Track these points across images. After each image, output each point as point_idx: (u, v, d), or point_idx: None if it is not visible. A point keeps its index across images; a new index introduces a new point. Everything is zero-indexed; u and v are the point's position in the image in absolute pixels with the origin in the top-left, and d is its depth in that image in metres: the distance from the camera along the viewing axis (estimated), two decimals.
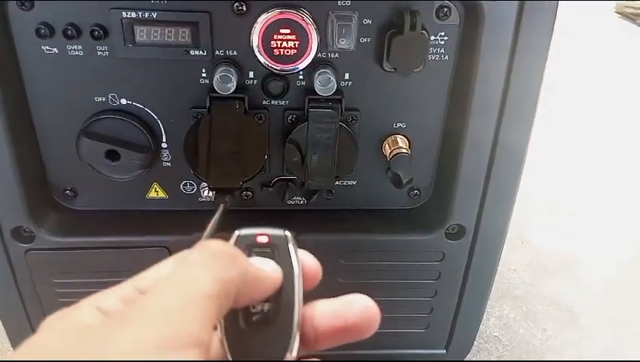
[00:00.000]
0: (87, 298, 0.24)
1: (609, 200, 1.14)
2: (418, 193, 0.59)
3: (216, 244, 0.25)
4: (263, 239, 0.28)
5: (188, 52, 0.48)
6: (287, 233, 0.29)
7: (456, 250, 0.59)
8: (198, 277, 0.23)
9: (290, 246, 0.28)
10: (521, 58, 0.49)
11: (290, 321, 0.27)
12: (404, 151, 0.54)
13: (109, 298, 0.24)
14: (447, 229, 0.58)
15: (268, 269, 0.27)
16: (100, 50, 0.48)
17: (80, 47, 0.47)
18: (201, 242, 0.26)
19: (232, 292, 0.24)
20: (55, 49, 0.47)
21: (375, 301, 0.65)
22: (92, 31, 0.46)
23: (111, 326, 0.22)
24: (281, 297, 0.27)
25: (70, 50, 0.47)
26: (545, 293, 0.91)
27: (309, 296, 0.29)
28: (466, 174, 0.55)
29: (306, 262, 0.29)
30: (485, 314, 0.70)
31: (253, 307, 0.27)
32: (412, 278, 0.62)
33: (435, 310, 0.64)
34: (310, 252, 0.59)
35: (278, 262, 0.28)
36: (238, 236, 0.28)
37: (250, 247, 0.28)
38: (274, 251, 0.28)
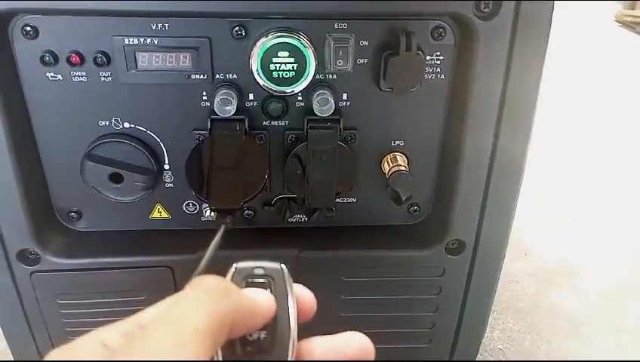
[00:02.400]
0: (90, 332, 0.25)
1: (609, 206, 1.14)
2: (417, 209, 0.59)
3: (210, 280, 0.27)
4: (260, 271, 0.29)
5: (189, 76, 0.49)
6: (283, 266, 0.30)
7: (456, 264, 0.60)
8: (193, 313, 0.24)
9: (286, 279, 0.30)
10: (516, 74, 0.50)
11: (286, 350, 0.28)
12: (403, 168, 0.54)
13: (110, 333, 0.25)
14: (447, 244, 0.59)
15: (261, 299, 0.28)
16: (103, 76, 0.49)
17: (84, 73, 0.48)
18: (195, 278, 0.27)
19: (226, 324, 0.25)
20: (59, 75, 0.48)
21: (377, 316, 0.66)
22: (95, 57, 0.48)
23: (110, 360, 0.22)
24: (276, 326, 0.28)
25: (74, 77, 0.48)
26: (548, 304, 0.92)
27: (312, 320, 0.30)
28: (465, 190, 0.55)
29: (301, 294, 0.30)
30: (489, 326, 0.71)
31: (250, 335, 0.28)
32: (413, 293, 0.62)
33: (437, 324, 0.65)
34: (312, 269, 0.60)
35: (273, 293, 0.29)
36: (236, 269, 0.30)
37: (247, 278, 0.29)
38: (270, 283, 0.29)
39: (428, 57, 0.50)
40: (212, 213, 0.56)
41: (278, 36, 0.47)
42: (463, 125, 0.52)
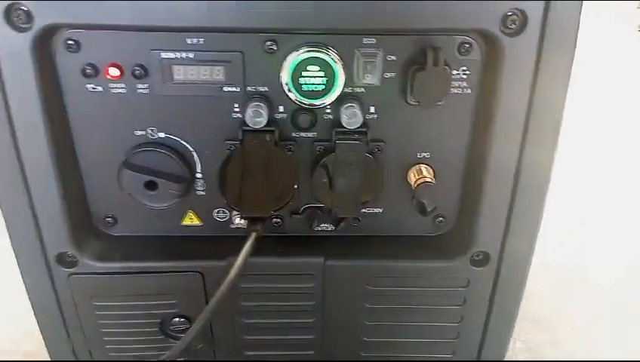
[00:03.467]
0: None
1: (623, 212, 1.13)
2: (443, 220, 0.60)
3: None
4: None
5: (222, 88, 0.51)
6: None
7: (481, 276, 0.60)
8: None
9: None
10: (542, 88, 0.50)
11: None
12: (429, 180, 0.55)
13: None
14: (472, 256, 0.59)
15: None
16: (141, 88, 0.51)
17: (122, 85, 0.51)
18: None
19: None
20: (99, 87, 0.51)
21: (401, 326, 0.67)
22: (133, 70, 0.50)
23: None
24: None
25: (113, 89, 0.51)
26: (568, 315, 0.91)
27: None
28: (490, 202, 0.56)
29: None
30: (511, 338, 0.71)
31: None
32: (437, 304, 0.63)
33: (461, 335, 0.65)
34: (338, 277, 0.62)
35: None
36: None
37: None
38: None
39: (454, 72, 0.51)
40: (241, 221, 0.58)
41: (308, 51, 0.49)
42: (489, 138, 0.53)
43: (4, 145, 0.50)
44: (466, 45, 0.50)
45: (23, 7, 0.45)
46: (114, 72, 0.50)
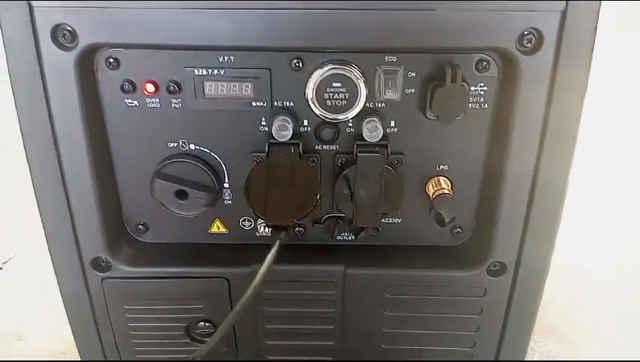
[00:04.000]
0: None
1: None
2: (460, 231, 0.62)
3: None
4: None
5: (250, 103, 0.54)
6: None
7: (497, 286, 0.62)
8: None
9: None
10: (558, 102, 0.52)
11: None
12: (447, 191, 0.57)
13: None
14: (489, 266, 0.61)
15: None
16: (174, 103, 0.54)
17: (157, 100, 0.54)
18: None
19: None
20: (136, 102, 0.54)
21: (418, 333, 0.68)
22: (168, 86, 0.53)
23: None
24: None
25: (149, 103, 0.54)
26: (586, 325, 0.91)
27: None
28: (507, 213, 0.58)
29: None
30: (529, 349, 0.72)
31: None
32: (454, 313, 0.64)
33: (477, 344, 0.66)
34: (357, 285, 0.63)
35: None
36: None
37: None
38: None
39: (472, 88, 0.53)
40: (266, 229, 0.61)
41: (332, 68, 0.51)
42: (506, 151, 0.55)
43: (47, 155, 0.54)
44: (484, 63, 0.52)
45: (68, 28, 0.48)
46: (150, 87, 0.53)
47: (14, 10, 0.48)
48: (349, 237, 0.62)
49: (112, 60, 0.52)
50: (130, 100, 0.54)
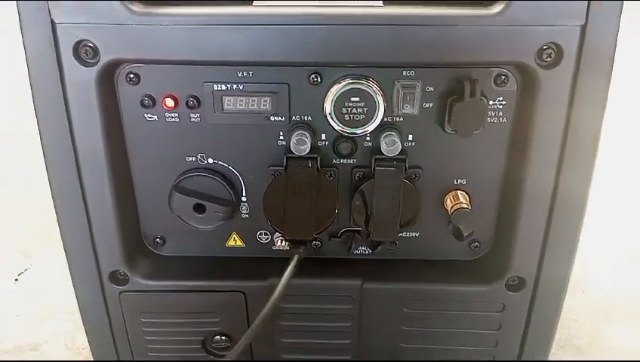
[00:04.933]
0: None
1: None
2: (478, 245, 0.62)
3: None
4: None
5: (268, 118, 0.54)
6: None
7: (516, 301, 0.61)
8: None
9: None
10: (578, 115, 0.52)
11: None
12: (465, 205, 0.57)
13: None
14: (508, 281, 0.60)
15: None
16: (193, 117, 0.54)
17: (176, 114, 0.54)
18: None
19: None
20: (155, 116, 0.55)
21: (436, 349, 0.68)
22: (187, 101, 0.53)
23: None
24: None
25: (168, 117, 0.54)
26: (607, 342, 0.90)
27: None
28: (526, 227, 0.57)
29: None
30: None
31: None
32: (473, 328, 0.64)
33: (496, 360, 0.66)
34: (374, 299, 0.63)
35: None
36: None
37: None
38: None
39: (490, 102, 0.53)
40: (283, 243, 0.61)
41: (350, 82, 0.51)
42: (525, 164, 0.54)
43: (67, 169, 0.54)
44: (502, 77, 0.52)
45: (90, 44, 0.49)
46: (169, 102, 0.53)
47: (38, 28, 0.49)
48: (366, 252, 0.62)
49: (132, 76, 0.53)
50: (149, 115, 0.54)
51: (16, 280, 1.03)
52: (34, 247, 1.09)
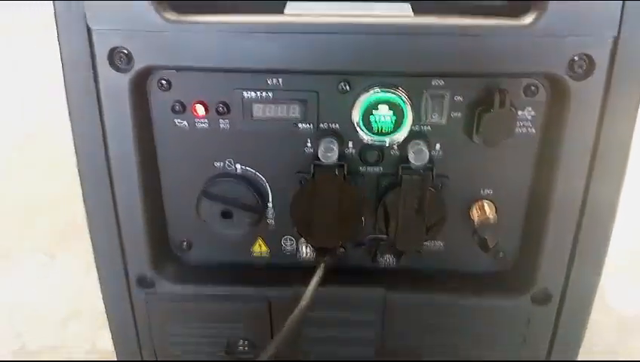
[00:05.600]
0: None
1: None
2: (504, 257, 0.61)
3: None
4: None
5: (296, 125, 0.55)
6: None
7: (542, 315, 0.60)
8: None
9: None
10: (609, 126, 0.51)
11: None
12: (491, 216, 0.57)
13: None
14: (533, 294, 0.59)
15: None
16: (222, 123, 0.55)
17: (206, 120, 0.55)
18: None
19: None
20: (185, 122, 0.55)
21: (459, 361, 0.67)
22: (217, 107, 0.54)
23: None
24: None
25: (197, 123, 0.55)
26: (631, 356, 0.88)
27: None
28: (553, 239, 0.57)
29: None
30: None
31: None
32: (497, 341, 0.63)
33: None
34: (398, 309, 0.63)
35: None
36: None
37: None
38: None
39: (519, 112, 0.53)
40: (308, 250, 0.61)
41: (379, 91, 0.52)
42: (553, 175, 0.54)
43: (99, 172, 0.55)
44: (532, 87, 0.52)
45: (124, 51, 0.50)
46: (199, 108, 0.54)
47: (73, 33, 0.50)
48: (391, 261, 0.62)
49: (164, 82, 0.53)
50: (179, 120, 0.55)
51: (40, 280, 1.05)
52: (58, 248, 1.11)
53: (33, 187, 1.28)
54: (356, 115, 0.53)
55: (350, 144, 0.56)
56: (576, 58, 0.48)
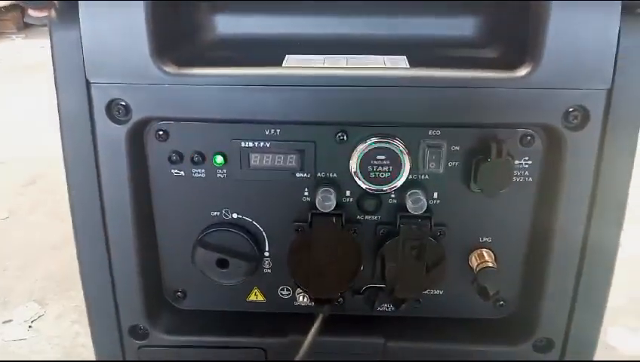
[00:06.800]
0: None
1: None
2: (504, 304, 0.60)
3: None
4: None
5: (294, 174, 0.54)
6: None
7: None
8: None
9: None
10: (606, 173, 0.51)
11: None
12: (490, 264, 0.56)
13: None
14: (535, 342, 0.59)
15: None
16: (220, 173, 0.55)
17: (203, 170, 0.55)
18: None
19: None
20: (182, 172, 0.55)
21: None
22: (214, 157, 0.54)
23: None
24: None
25: (194, 173, 0.55)
26: None
27: None
28: (553, 286, 0.56)
29: None
30: None
31: None
32: None
33: None
34: (398, 359, 0.61)
35: None
36: None
37: None
38: None
39: (516, 162, 0.53)
40: (305, 298, 0.60)
41: (376, 141, 0.52)
42: (552, 223, 0.54)
43: (93, 221, 0.54)
44: (528, 137, 0.52)
45: (122, 103, 0.50)
46: (197, 158, 0.54)
47: (73, 86, 0.50)
48: (389, 309, 0.61)
49: (161, 133, 0.53)
50: (176, 170, 0.55)
51: (30, 327, 1.02)
52: (49, 295, 1.09)
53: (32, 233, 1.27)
54: (354, 165, 0.53)
55: (348, 193, 0.55)
56: (571, 109, 0.49)
